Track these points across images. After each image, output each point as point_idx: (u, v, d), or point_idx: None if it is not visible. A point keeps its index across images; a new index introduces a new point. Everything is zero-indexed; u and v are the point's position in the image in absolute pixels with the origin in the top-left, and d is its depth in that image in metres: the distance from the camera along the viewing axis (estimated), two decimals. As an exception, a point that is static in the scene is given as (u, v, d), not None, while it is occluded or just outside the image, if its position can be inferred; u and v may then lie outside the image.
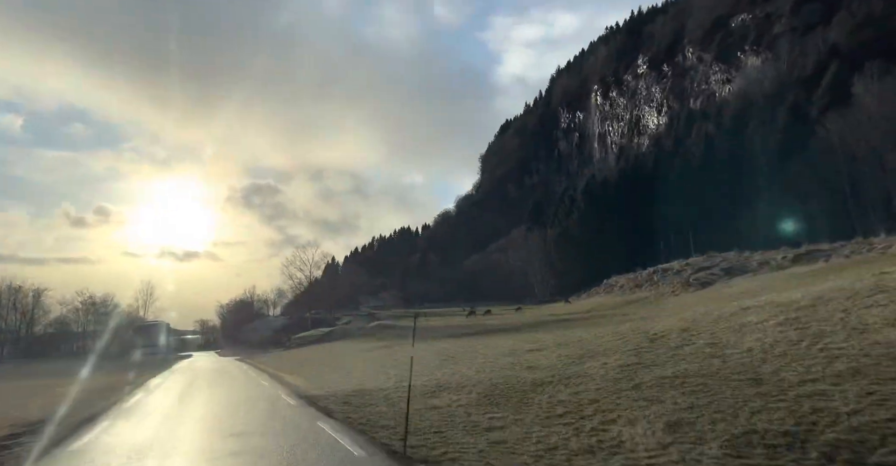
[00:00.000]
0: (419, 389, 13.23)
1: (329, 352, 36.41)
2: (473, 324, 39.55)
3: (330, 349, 38.56)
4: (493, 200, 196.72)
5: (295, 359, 35.99)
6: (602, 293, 59.02)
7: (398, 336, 35.01)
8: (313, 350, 42.62)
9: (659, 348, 12.15)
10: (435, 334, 30.56)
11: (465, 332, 30.16)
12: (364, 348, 31.87)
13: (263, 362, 39.23)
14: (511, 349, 18.24)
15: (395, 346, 29.28)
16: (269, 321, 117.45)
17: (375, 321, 63.42)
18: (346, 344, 39.52)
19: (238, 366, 37.88)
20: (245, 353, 69.83)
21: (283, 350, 53.82)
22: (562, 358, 14.11)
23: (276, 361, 38.86)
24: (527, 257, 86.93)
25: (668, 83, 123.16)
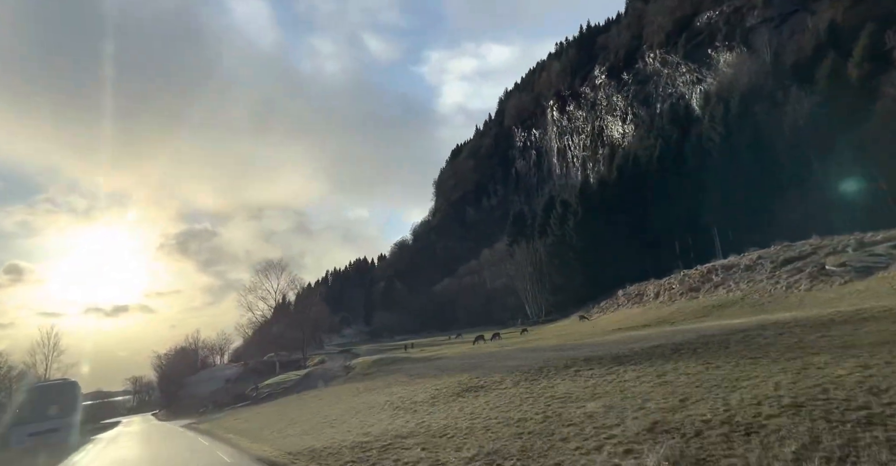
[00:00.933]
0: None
1: (338, 408, 21.22)
2: (516, 352, 28.76)
3: (329, 403, 24.78)
4: (451, 224, 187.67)
5: (296, 422, 19.98)
6: (628, 304, 49.58)
7: (414, 375, 24.07)
8: (302, 404, 27.33)
9: None
10: (488, 370, 19.96)
11: (545, 364, 19.49)
12: (381, 400, 20.15)
13: (243, 432, 20.92)
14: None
15: (442, 395, 17.85)
16: (219, 371, 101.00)
17: (357, 358, 51.21)
18: (340, 391, 27.87)
19: (203, 449, 18.85)
20: (193, 413, 55.73)
21: (249, 405, 40.80)
22: None
23: (263, 429, 20.76)
24: (515, 274, 77.03)
25: (631, 91, 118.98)
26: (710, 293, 33.36)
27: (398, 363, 33.30)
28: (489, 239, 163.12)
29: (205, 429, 26.28)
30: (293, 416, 21.66)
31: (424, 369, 25.25)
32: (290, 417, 21.55)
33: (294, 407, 25.11)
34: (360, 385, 25.54)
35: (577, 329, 42.10)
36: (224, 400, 53.49)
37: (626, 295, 53.13)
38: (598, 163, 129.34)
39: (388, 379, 25.26)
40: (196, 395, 78.55)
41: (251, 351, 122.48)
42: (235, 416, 30.84)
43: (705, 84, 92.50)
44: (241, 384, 68.57)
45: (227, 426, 25.20)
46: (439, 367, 24.64)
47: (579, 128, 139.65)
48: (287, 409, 25.46)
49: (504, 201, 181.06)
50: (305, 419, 19.70)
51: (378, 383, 24.93)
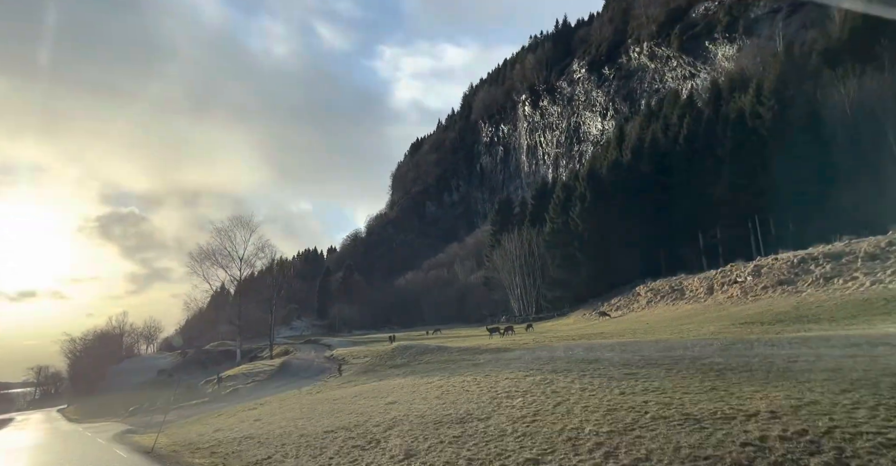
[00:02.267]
0: None
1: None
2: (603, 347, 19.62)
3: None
4: (410, 218, 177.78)
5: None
6: (660, 300, 41.76)
7: (490, 364, 14.91)
8: (318, 408, 16.08)
9: None
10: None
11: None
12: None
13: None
14: None
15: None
16: (149, 360, 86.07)
17: (332, 349, 40.51)
18: (367, 392, 17.61)
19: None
20: (118, 412, 43.38)
21: (207, 403, 29.29)
22: None
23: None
24: (501, 266, 68.39)
25: (613, 86, 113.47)
26: (821, 287, 25.67)
27: (433, 353, 23.55)
28: (451, 235, 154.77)
29: (170, 455, 13.74)
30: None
31: (496, 365, 16.03)
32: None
33: (317, 411, 14.87)
34: (402, 382, 15.95)
35: (612, 327, 33.40)
36: (163, 396, 41.43)
37: (652, 291, 45.38)
38: (573, 160, 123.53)
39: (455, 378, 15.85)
40: (121, 388, 64.56)
41: (187, 339, 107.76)
42: (202, 422, 19.79)
43: (699, 79, 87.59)
44: (186, 376, 56.10)
45: (225, 450, 13.24)
46: (534, 363, 15.53)
47: (553, 124, 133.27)
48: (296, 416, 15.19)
49: (467, 197, 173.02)
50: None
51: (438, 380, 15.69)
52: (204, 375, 52.36)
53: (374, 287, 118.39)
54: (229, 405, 22.88)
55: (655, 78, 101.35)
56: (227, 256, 57.48)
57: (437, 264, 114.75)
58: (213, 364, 58.78)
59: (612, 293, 54.78)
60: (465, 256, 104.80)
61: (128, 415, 37.96)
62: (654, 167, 53.86)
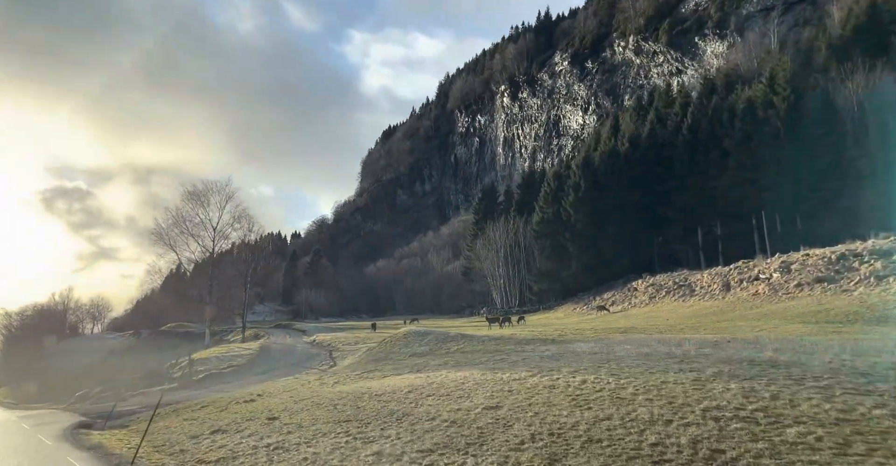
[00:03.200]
0: None
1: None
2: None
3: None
4: (380, 207, 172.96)
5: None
6: (664, 297, 39.40)
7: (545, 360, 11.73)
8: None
9: None
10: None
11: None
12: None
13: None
14: None
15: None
16: (97, 340, 79.00)
17: (309, 335, 36.16)
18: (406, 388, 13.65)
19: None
20: (62, 397, 37.91)
21: (175, 390, 24.84)
22: None
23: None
24: (485, 256, 65.31)
25: (595, 80, 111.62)
26: (875, 286, 23.32)
27: (457, 341, 19.96)
28: (421, 225, 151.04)
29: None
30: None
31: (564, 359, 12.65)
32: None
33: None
34: (460, 375, 12.27)
35: (625, 323, 30.51)
36: (118, 380, 36.19)
37: (653, 286, 42.93)
38: (552, 154, 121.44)
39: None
40: (65, 369, 58.27)
41: (139, 321, 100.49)
42: (183, 417, 15.06)
43: (685, 76, 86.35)
44: (141, 359, 50.59)
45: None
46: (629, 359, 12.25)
47: (532, 116, 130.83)
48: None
49: (439, 187, 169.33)
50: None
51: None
52: (162, 358, 47.36)
53: (340, 275, 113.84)
54: (208, 394, 18.71)
55: (640, 73, 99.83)
56: (199, 224, 51.65)
57: (410, 253, 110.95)
58: (172, 347, 53.58)
59: (603, 287, 52.38)
60: (440, 245, 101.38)
61: (74, 401, 32.63)
62: (653, 158, 51.60)
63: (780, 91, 41.05)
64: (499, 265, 64.62)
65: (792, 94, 39.91)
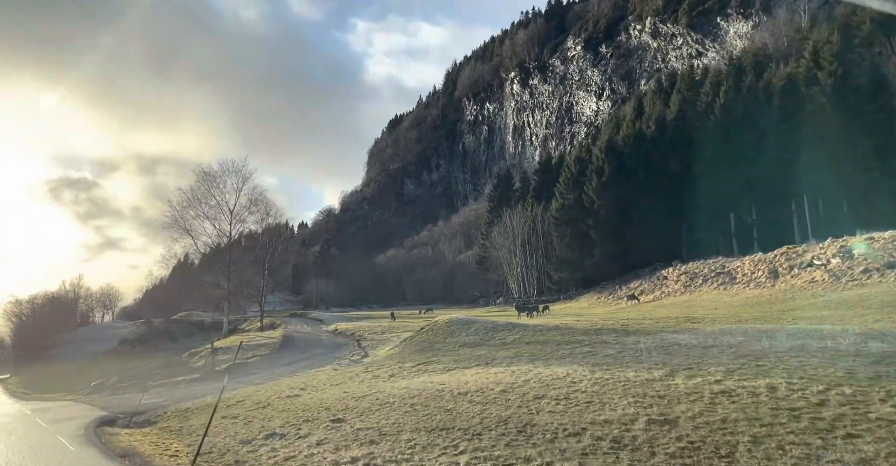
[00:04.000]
0: None
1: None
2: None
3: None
4: (388, 196, 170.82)
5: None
6: (701, 285, 37.23)
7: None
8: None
9: None
10: None
11: None
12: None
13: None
14: None
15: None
16: (108, 329, 77.55)
17: (327, 324, 33.93)
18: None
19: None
20: (75, 385, 36.02)
21: (198, 381, 23.46)
22: None
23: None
24: (501, 244, 63.18)
25: (610, 65, 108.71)
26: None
27: (509, 331, 17.77)
28: (429, 215, 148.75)
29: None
30: None
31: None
32: None
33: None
34: (551, 372, 9.97)
35: (673, 313, 28.22)
36: (134, 369, 34.12)
37: (686, 274, 40.72)
38: (564, 141, 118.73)
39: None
40: (74, 358, 56.65)
41: (148, 311, 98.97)
42: (221, 413, 12.42)
43: (706, 58, 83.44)
44: (155, 348, 48.78)
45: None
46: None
47: (543, 103, 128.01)
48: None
49: (447, 177, 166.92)
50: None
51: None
52: (176, 347, 45.59)
53: (349, 264, 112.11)
54: (238, 386, 16.51)
55: (657, 57, 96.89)
56: (216, 206, 48.67)
57: (420, 242, 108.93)
58: (185, 336, 51.92)
59: (627, 276, 50.19)
60: (451, 235, 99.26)
61: (90, 391, 30.50)
62: (681, 141, 49.16)
63: (825, 66, 38.48)
64: (516, 254, 62.46)
65: (840, 68, 37.35)
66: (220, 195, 47.99)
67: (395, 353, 17.99)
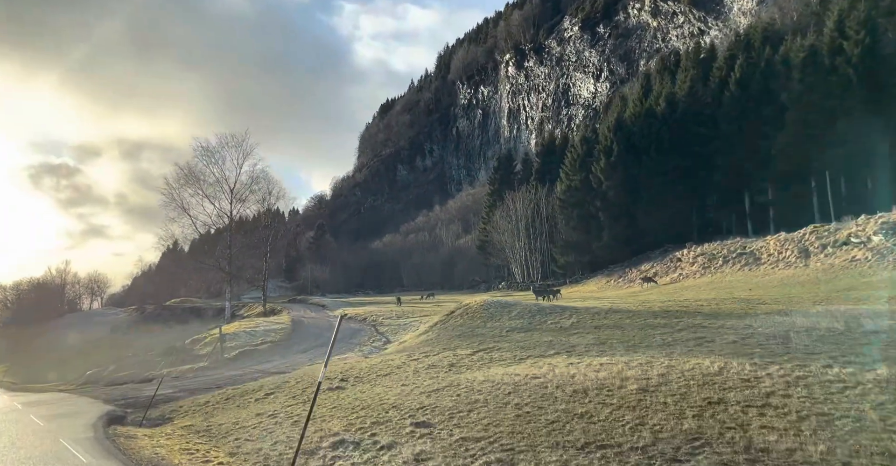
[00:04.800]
0: None
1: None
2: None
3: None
4: (380, 182, 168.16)
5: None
6: (721, 267, 35.73)
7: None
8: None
9: None
10: None
11: None
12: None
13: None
14: None
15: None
16: (98, 315, 75.31)
17: (330, 309, 31.91)
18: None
19: None
20: (66, 375, 33.79)
21: (205, 369, 21.32)
22: None
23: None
24: (504, 228, 61.43)
25: (608, 46, 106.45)
26: None
27: (561, 314, 15.84)
28: (423, 201, 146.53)
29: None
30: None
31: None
32: None
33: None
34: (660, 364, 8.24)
35: (704, 295, 26.49)
36: (131, 357, 31.87)
37: (703, 256, 39.23)
38: (561, 124, 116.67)
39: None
40: (67, 346, 54.40)
41: (136, 296, 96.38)
42: (249, 410, 10.64)
43: (708, 36, 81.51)
44: (150, 335, 46.56)
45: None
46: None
47: (539, 86, 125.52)
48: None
49: (441, 162, 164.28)
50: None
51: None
52: (172, 334, 43.52)
53: (344, 250, 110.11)
54: (256, 375, 14.46)
55: (657, 37, 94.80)
56: (215, 183, 45.86)
57: (416, 228, 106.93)
58: (180, 323, 49.85)
59: (637, 258, 48.72)
60: (449, 220, 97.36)
61: (84, 381, 28.21)
62: (693, 118, 47.44)
63: (850, 35, 36.69)
64: (519, 237, 60.74)
65: (867, 36, 35.60)
66: (220, 172, 45.43)
67: (430, 339, 16.12)
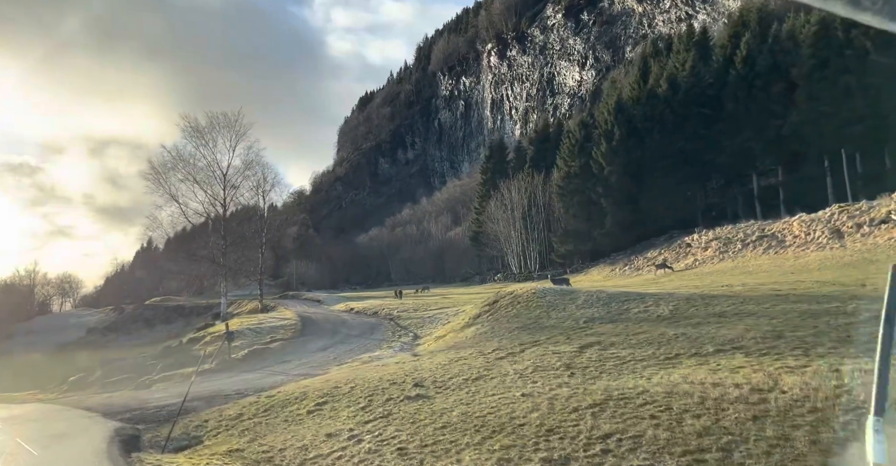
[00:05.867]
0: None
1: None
2: None
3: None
4: (361, 176, 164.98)
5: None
6: (741, 251, 34.35)
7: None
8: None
9: None
10: None
11: None
12: None
13: None
14: None
15: None
16: (73, 317, 71.55)
17: (326, 304, 29.17)
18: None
19: None
20: (40, 382, 30.52)
21: (214, 372, 17.76)
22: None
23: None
24: (500, 217, 59.55)
25: (592, 33, 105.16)
26: None
27: (638, 301, 13.75)
28: (406, 195, 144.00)
29: None
30: None
31: None
32: None
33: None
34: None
35: (747, 280, 24.80)
36: (119, 360, 28.86)
37: (717, 240, 37.81)
38: (546, 113, 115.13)
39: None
40: (40, 350, 50.83)
41: (111, 297, 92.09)
42: (301, 425, 8.19)
43: (696, 21, 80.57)
44: (131, 336, 43.53)
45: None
46: None
47: (523, 75, 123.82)
48: None
49: (423, 155, 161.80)
50: None
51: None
52: (155, 334, 40.60)
53: (329, 245, 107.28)
54: (280, 377, 12.22)
55: (643, 23, 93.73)
56: (206, 168, 41.39)
57: (403, 221, 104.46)
58: (163, 322, 46.97)
59: (641, 245, 47.20)
60: (437, 212, 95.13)
61: (67, 388, 24.74)
62: (696, 100, 46.05)
63: (867, 5, 35.46)
64: (515, 227, 58.92)
65: (885, 5, 34.34)
66: (211, 155, 41.90)
67: (484, 332, 13.93)
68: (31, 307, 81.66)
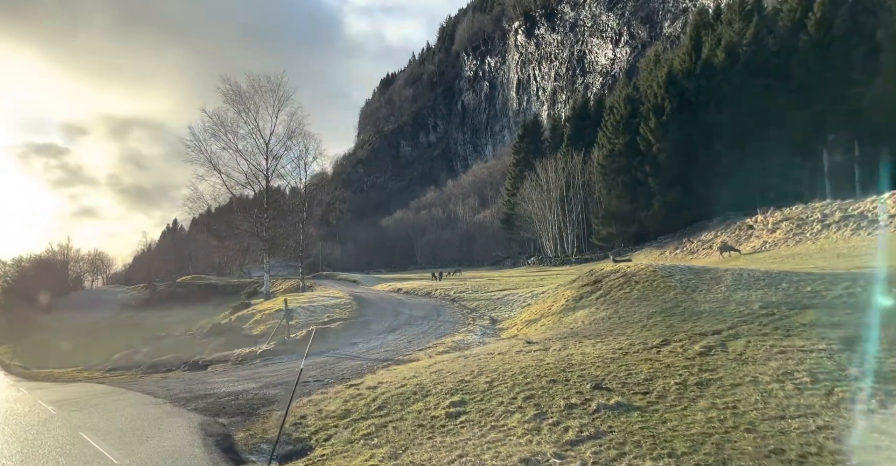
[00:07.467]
0: None
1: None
2: None
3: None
4: (382, 159, 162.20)
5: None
6: (822, 231, 31.02)
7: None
8: None
9: None
10: None
11: None
12: None
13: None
14: None
15: None
16: (106, 294, 71.12)
17: (363, 284, 26.47)
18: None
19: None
20: (85, 357, 28.47)
21: (277, 354, 15.50)
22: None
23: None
24: (536, 198, 56.52)
25: (627, 8, 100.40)
26: None
27: (808, 282, 10.42)
28: (427, 178, 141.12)
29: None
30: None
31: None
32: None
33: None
34: None
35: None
36: (166, 337, 26.77)
37: (788, 220, 34.25)
38: (576, 94, 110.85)
39: None
40: (76, 325, 49.91)
41: (140, 274, 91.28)
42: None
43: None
44: (166, 313, 41.77)
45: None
46: None
47: (552, 54, 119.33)
48: None
49: (445, 137, 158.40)
50: None
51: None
52: (190, 311, 38.74)
53: (355, 227, 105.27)
54: (361, 363, 9.76)
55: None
56: (247, 136, 38.65)
57: (428, 203, 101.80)
58: (198, 300, 45.32)
59: (692, 227, 43.90)
60: (464, 194, 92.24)
61: (111, 366, 22.50)
62: (758, 70, 42.29)
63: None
64: (551, 209, 55.87)
65: None
66: (253, 122, 38.99)
67: (603, 317, 11.07)
68: (65, 282, 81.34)
